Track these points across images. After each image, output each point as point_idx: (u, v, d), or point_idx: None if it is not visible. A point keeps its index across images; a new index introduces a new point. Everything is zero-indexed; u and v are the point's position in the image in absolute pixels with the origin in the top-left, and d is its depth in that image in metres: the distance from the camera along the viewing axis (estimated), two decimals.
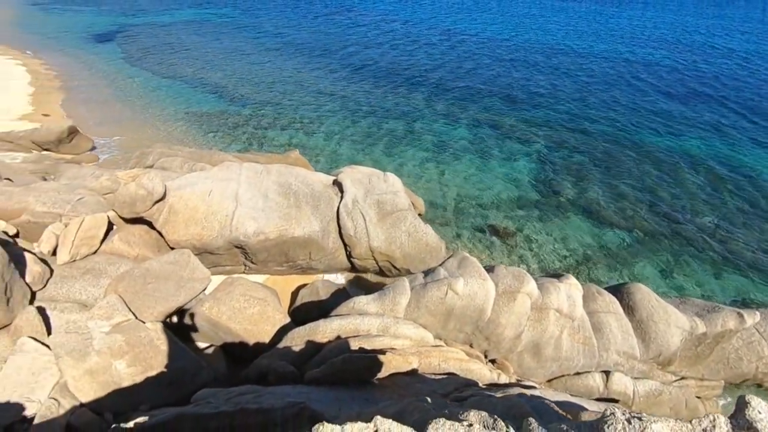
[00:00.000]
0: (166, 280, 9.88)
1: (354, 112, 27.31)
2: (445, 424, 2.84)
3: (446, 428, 2.82)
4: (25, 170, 14.39)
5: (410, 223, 13.44)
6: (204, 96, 29.05)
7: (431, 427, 2.83)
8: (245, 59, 40.14)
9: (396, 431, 2.79)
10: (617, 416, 2.58)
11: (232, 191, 12.34)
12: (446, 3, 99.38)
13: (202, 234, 11.46)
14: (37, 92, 26.52)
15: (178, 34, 49.76)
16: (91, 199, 11.75)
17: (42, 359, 8.11)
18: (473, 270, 9.01)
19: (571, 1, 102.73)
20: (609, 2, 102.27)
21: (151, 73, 33.63)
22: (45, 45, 39.80)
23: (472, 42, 53.43)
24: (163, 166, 15.70)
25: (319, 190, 13.69)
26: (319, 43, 50.43)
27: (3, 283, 8.30)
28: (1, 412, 7.34)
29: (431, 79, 36.36)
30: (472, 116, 27.76)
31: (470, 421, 2.96)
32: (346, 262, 13.41)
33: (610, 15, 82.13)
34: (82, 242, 10.32)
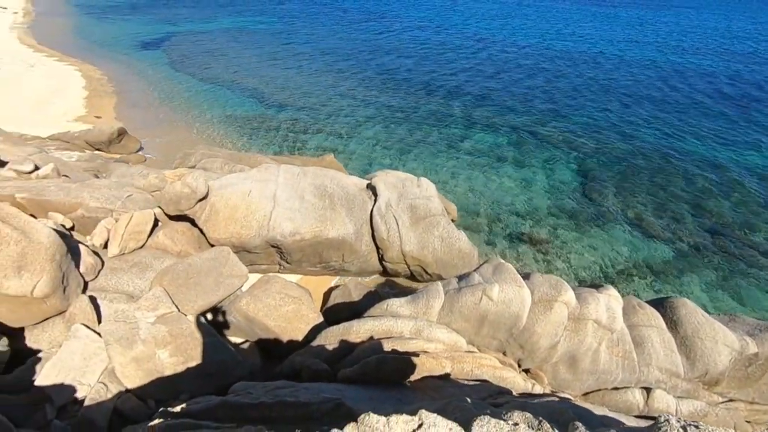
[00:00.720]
0: (206, 275, 10.27)
1: (388, 118, 27.57)
2: (490, 422, 2.85)
3: (491, 426, 2.83)
4: (80, 168, 15.32)
5: (443, 228, 13.42)
6: (243, 100, 30.06)
7: (476, 423, 2.84)
8: (282, 65, 41.29)
9: (441, 425, 2.82)
10: (672, 423, 2.52)
11: (270, 192, 12.71)
12: (481, 10, 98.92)
13: (241, 232, 11.85)
14: (90, 96, 28.21)
15: (218, 40, 51.76)
16: (139, 197, 12.38)
17: (93, 345, 8.60)
18: (509, 276, 8.90)
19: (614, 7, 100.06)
20: (656, 8, 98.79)
21: (193, 78, 35.10)
22: (98, 52, 42.28)
23: (508, 49, 52.90)
24: (204, 167, 16.35)
25: (353, 193, 13.89)
26: (353, 49, 51.28)
27: (60, 272, 8.86)
28: (57, 393, 7.82)
29: (466, 85, 36.24)
30: (507, 123, 27.45)
31: (515, 421, 2.95)
32: (378, 266, 13.52)
33: (658, 21, 79.28)
34: (130, 237, 10.88)
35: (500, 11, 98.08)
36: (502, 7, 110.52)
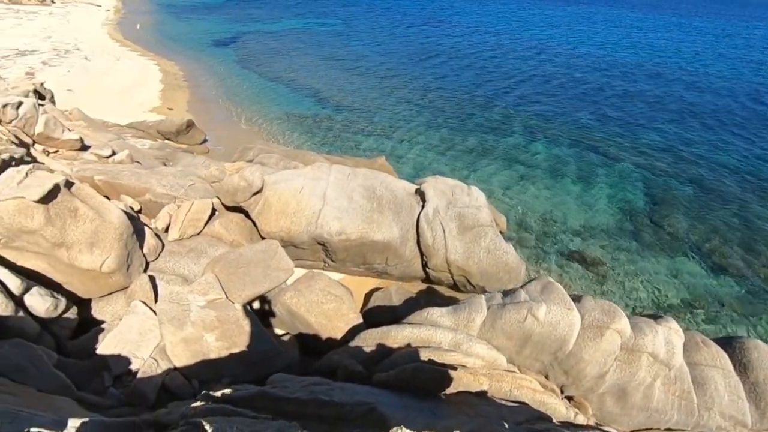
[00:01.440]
0: (255, 266, 10.66)
1: (442, 123, 27.36)
2: None
3: None
4: (151, 155, 16.50)
5: (491, 239, 13.07)
6: (301, 99, 31.05)
7: None
8: (341, 65, 42.22)
9: None
10: None
11: (321, 190, 12.99)
12: (545, 17, 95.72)
13: (291, 228, 12.20)
14: (165, 89, 30.36)
15: (283, 40, 53.86)
16: (200, 186, 13.12)
17: (148, 322, 9.20)
18: (557, 297, 8.48)
19: (697, 17, 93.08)
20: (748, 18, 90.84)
21: (257, 76, 36.77)
22: (175, 48, 45.45)
23: (573, 57, 50.79)
24: (261, 162, 17.03)
25: (401, 197, 13.87)
26: (411, 52, 51.41)
27: (126, 251, 9.56)
28: (114, 362, 8.44)
29: (525, 93, 35.20)
30: (567, 135, 26.33)
31: None
32: (421, 272, 13.41)
33: (752, 34, 72.85)
34: (189, 223, 11.54)
35: (565, 19, 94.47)
36: (567, 14, 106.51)
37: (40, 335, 8.21)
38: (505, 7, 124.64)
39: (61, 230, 8.50)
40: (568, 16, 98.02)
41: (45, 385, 7.29)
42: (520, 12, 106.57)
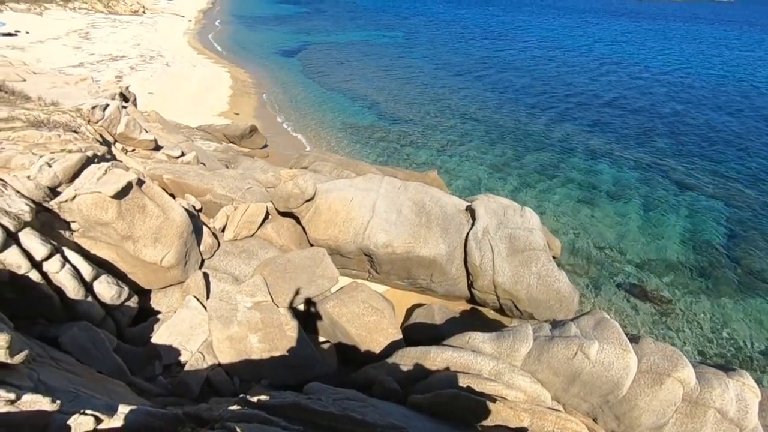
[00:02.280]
0: (301, 272, 10.90)
1: (497, 139, 26.73)
2: None
3: None
4: (215, 157, 17.50)
5: (542, 264, 12.47)
6: (359, 109, 31.68)
7: None
8: (399, 77, 42.68)
9: None
10: None
11: (370, 202, 13.09)
12: (612, 32, 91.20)
13: (338, 237, 12.38)
14: (234, 94, 32.24)
15: (346, 51, 55.45)
16: (257, 189, 13.68)
17: (199, 317, 9.66)
18: (612, 336, 7.87)
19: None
20: None
21: (318, 85, 38.07)
22: (245, 56, 48.29)
23: (643, 74, 47.94)
24: (315, 169, 17.51)
25: (451, 213, 13.64)
26: (470, 66, 50.96)
27: (185, 248, 10.14)
28: (165, 352, 8.92)
29: (588, 111, 33.61)
30: (634, 157, 24.74)
31: None
32: (467, 292, 13.05)
33: None
34: (244, 225, 12.06)
35: (638, 35, 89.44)
36: (641, 30, 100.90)
37: (104, 320, 8.87)
38: (571, 20, 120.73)
39: (130, 224, 9.18)
40: (642, 32, 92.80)
41: (104, 366, 7.85)
42: (587, 26, 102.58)
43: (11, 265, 7.37)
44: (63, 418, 4.92)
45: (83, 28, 52.93)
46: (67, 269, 8.04)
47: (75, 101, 13.62)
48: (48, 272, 7.85)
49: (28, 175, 8.77)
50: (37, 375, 5.79)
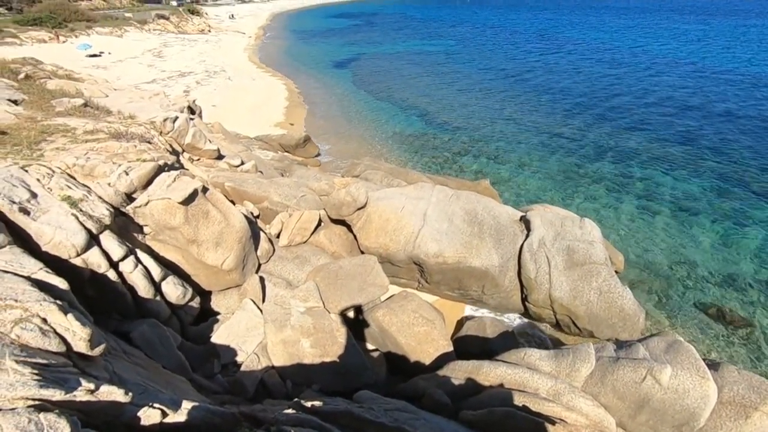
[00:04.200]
0: (352, 279, 11.00)
1: (552, 147, 25.69)
2: None
3: None
4: (272, 166, 18.23)
5: (604, 279, 11.74)
6: (409, 118, 31.78)
7: None
8: (449, 85, 42.42)
9: None
10: None
11: (421, 210, 13.01)
12: (674, 31, 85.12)
13: (389, 245, 12.39)
14: (289, 106, 33.57)
15: (396, 62, 56.05)
16: (310, 197, 14.05)
17: (255, 320, 10.02)
18: (687, 360, 7.20)
19: None
20: None
21: (370, 95, 38.70)
22: (300, 69, 50.23)
23: (709, 74, 44.23)
24: (366, 177, 17.72)
25: (504, 223, 13.24)
26: (521, 71, 49.62)
27: (244, 252, 10.58)
28: (224, 352, 9.32)
29: (647, 115, 31.54)
30: (702, 165, 22.82)
31: None
32: (520, 305, 12.55)
33: None
34: (298, 232, 12.41)
35: (701, 33, 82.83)
36: (702, 27, 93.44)
37: (170, 318, 9.44)
38: (628, 20, 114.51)
39: (195, 229, 9.74)
40: (706, 30, 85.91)
41: (168, 362, 8.32)
42: (647, 26, 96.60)
43: (92, 264, 8.05)
44: (133, 409, 5.25)
45: (156, 48, 57.60)
46: (139, 269, 8.66)
47: (149, 114, 14.77)
48: (123, 272, 8.50)
49: (109, 182, 9.58)
50: (112, 367, 6.24)
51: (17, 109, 13.06)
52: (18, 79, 17.32)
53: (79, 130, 11.50)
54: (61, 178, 8.95)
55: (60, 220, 7.88)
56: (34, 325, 5.04)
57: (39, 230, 7.58)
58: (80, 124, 11.98)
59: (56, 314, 5.41)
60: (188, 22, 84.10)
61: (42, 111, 13.24)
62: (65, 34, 56.31)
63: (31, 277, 6.45)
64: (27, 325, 5.01)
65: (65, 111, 13.51)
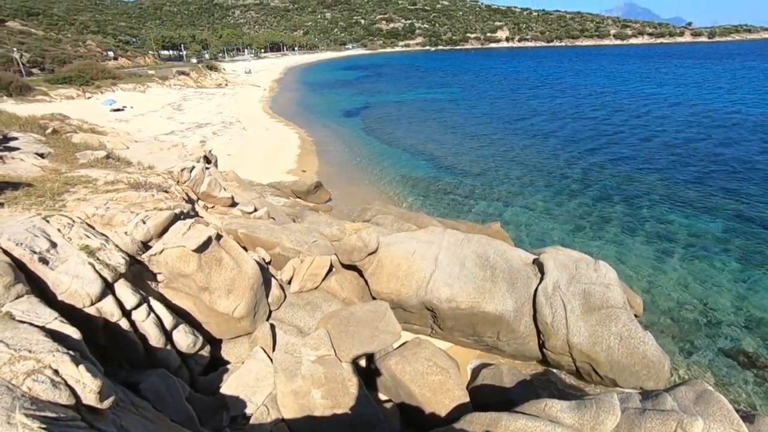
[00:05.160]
0: (364, 326, 10.82)
1: (563, 189, 25.79)
2: None
3: None
4: (284, 212, 18.54)
5: (624, 324, 11.36)
6: (419, 163, 32.42)
7: None
8: (458, 132, 43.53)
9: None
10: None
11: (432, 254, 12.96)
12: (680, 76, 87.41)
13: (401, 290, 12.26)
14: (301, 153, 34.59)
15: (404, 109, 58.07)
16: (322, 243, 14.15)
17: (265, 369, 9.80)
18: (719, 412, 6.79)
19: None
20: None
21: (379, 141, 39.80)
22: (312, 118, 52.21)
23: (717, 118, 44.80)
24: (377, 222, 17.86)
25: (517, 267, 13.08)
26: (526, 115, 50.93)
27: (255, 299, 10.55)
28: (233, 403, 9.06)
29: (656, 158, 31.72)
30: (718, 204, 22.59)
31: None
32: (538, 352, 12.13)
33: None
34: (309, 277, 12.39)
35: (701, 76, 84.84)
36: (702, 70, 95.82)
37: (180, 368, 9.29)
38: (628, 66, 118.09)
39: (208, 276, 9.80)
40: (714, 73, 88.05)
41: (176, 415, 8.10)
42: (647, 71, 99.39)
43: (106, 313, 8.08)
44: None
45: (176, 101, 60.65)
46: (151, 318, 8.66)
47: (167, 164, 15.34)
48: (135, 320, 8.50)
49: (126, 231, 9.82)
50: (120, 421, 6.10)
51: (43, 162, 13.69)
52: (45, 133, 18.27)
53: (100, 181, 11.95)
54: (80, 228, 9.20)
55: (78, 269, 8.02)
56: (46, 377, 5.02)
57: (56, 279, 7.71)
58: (102, 175, 12.46)
59: (68, 365, 5.39)
60: (207, 77, 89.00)
61: (66, 163, 13.85)
62: (92, 90, 59.82)
63: (46, 327, 6.50)
64: (39, 376, 5.00)
65: (88, 163, 14.11)
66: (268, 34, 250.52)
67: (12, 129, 17.44)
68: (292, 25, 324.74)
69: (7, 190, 10.15)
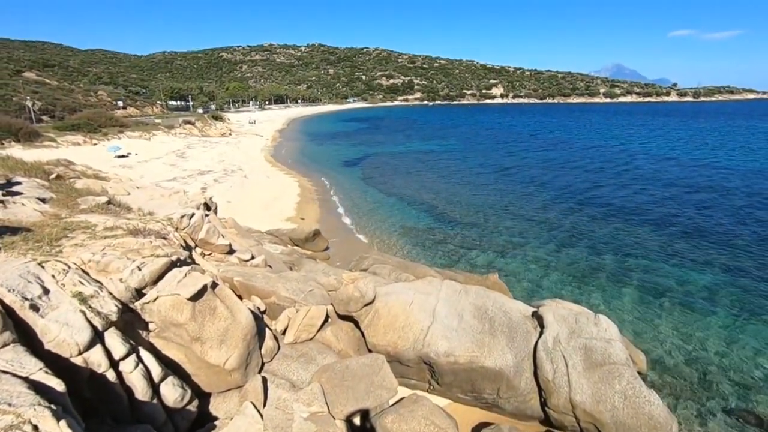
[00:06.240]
0: (359, 380, 10.44)
1: (561, 241, 25.90)
2: None
3: None
4: (281, 260, 18.43)
5: (627, 382, 11.00)
6: (416, 213, 32.75)
7: None
8: (453, 181, 44.41)
9: None
10: None
11: (430, 306, 12.78)
12: (670, 132, 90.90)
13: (397, 343, 11.96)
14: (300, 201, 34.99)
15: (402, 160, 59.55)
16: (318, 292, 13.96)
17: (255, 427, 9.29)
18: None
19: None
20: None
21: (378, 191, 40.43)
22: (312, 167, 53.35)
23: (712, 173, 45.99)
24: (375, 272, 17.74)
25: (516, 320, 12.87)
26: (523, 167, 52.20)
27: (248, 351, 10.24)
28: None
29: (660, 209, 32.22)
30: (717, 258, 22.63)
31: None
32: (540, 411, 11.62)
33: None
34: (304, 328, 12.11)
35: (695, 133, 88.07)
36: (691, 127, 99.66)
37: (165, 424, 8.81)
38: (616, 121, 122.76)
39: (201, 326, 9.58)
40: (702, 131, 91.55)
41: None
42: (642, 128, 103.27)
43: (93, 363, 7.80)
44: None
45: (180, 149, 62.14)
46: (139, 369, 8.35)
47: (168, 211, 15.46)
48: (123, 371, 8.19)
49: (121, 277, 9.71)
50: None
51: (44, 207, 13.79)
52: (49, 178, 18.55)
53: (99, 227, 11.98)
54: (75, 274, 9.11)
55: (68, 316, 7.85)
56: None
57: (45, 327, 7.52)
58: (101, 221, 12.52)
59: (48, 421, 5.15)
60: (211, 126, 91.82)
61: (67, 208, 13.95)
62: (98, 137, 61.43)
63: (30, 378, 6.26)
64: None
65: (88, 208, 14.22)
66: (273, 87, 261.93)
67: (17, 174, 17.72)
68: (296, 79, 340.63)
69: (5, 234, 10.15)
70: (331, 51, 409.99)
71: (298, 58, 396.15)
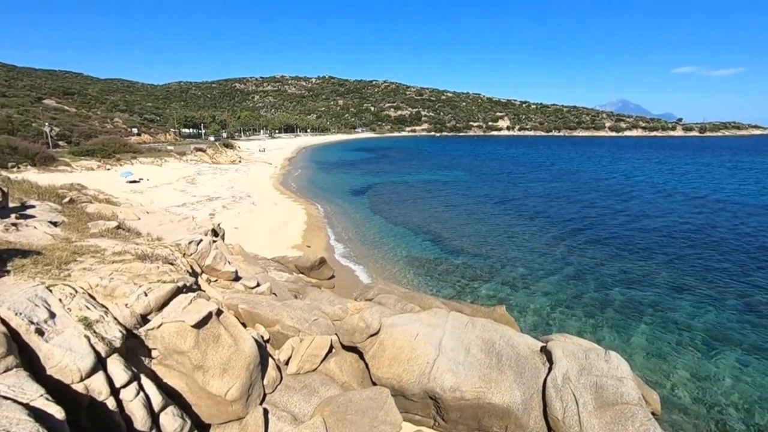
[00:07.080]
0: (362, 415, 10.16)
1: (570, 274, 25.57)
2: None
3: None
4: (286, 288, 18.34)
5: (641, 424, 10.56)
6: (423, 243, 32.65)
7: None
8: (461, 212, 44.43)
9: None
10: None
11: (436, 338, 12.55)
12: (676, 167, 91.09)
13: (402, 376, 11.68)
14: (307, 229, 35.11)
15: (410, 189, 59.93)
16: (323, 321, 13.81)
17: None
18: None
19: None
20: None
21: (385, 220, 40.50)
22: (320, 195, 53.84)
23: (721, 207, 45.65)
24: (380, 301, 17.55)
25: (524, 355, 12.56)
26: (530, 197, 52.21)
27: (250, 381, 10.05)
28: None
29: (662, 242, 31.81)
30: (734, 296, 22.12)
31: None
32: None
33: None
34: (308, 358, 11.90)
35: (696, 166, 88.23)
36: (699, 162, 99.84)
37: None
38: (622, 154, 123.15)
39: (204, 354, 9.46)
40: (711, 165, 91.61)
41: None
42: (640, 160, 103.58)
43: (93, 390, 7.70)
44: None
45: (191, 175, 63.20)
46: (140, 398, 8.21)
47: (176, 236, 15.59)
48: (123, 399, 8.05)
49: (126, 303, 9.71)
50: None
51: (55, 230, 13.98)
52: (62, 202, 18.89)
53: (108, 251, 12.09)
54: (81, 299, 9.13)
55: (72, 342, 7.82)
56: None
57: (49, 352, 7.48)
58: (110, 245, 12.64)
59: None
60: (222, 154, 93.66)
61: (78, 232, 14.13)
62: (112, 163, 62.80)
63: (30, 404, 6.18)
64: None
65: (99, 233, 14.39)
66: (284, 116, 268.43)
67: (31, 197, 18.08)
68: (306, 109, 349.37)
69: (16, 257, 10.26)
70: (341, 83, 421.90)
71: (308, 89, 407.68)
